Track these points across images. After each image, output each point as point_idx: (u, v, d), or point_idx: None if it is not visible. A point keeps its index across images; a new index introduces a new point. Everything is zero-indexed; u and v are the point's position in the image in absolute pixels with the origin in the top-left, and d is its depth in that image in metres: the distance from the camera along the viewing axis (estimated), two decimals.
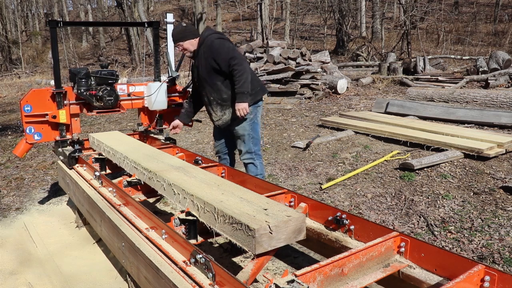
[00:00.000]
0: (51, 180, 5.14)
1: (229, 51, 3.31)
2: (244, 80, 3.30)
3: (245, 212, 2.03)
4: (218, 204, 2.13)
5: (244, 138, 3.57)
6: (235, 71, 3.29)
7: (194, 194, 2.29)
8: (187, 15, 32.19)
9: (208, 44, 3.37)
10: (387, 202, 3.87)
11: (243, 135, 3.56)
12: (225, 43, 3.37)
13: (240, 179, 3.17)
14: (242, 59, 3.34)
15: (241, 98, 3.33)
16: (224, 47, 3.33)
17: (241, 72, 3.28)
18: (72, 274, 3.07)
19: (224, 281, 1.76)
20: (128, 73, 18.06)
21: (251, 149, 3.59)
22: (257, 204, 2.13)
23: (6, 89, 15.54)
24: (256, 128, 3.59)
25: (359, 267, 1.94)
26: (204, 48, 3.39)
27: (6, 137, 7.73)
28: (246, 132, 3.55)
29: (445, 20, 20.33)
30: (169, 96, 4.16)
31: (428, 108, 7.06)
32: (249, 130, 3.55)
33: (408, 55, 14.91)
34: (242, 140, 3.58)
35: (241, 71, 3.28)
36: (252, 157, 3.59)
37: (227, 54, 3.30)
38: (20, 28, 30.45)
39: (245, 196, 2.29)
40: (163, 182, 2.63)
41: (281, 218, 1.96)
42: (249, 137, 3.57)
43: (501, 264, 2.80)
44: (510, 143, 4.85)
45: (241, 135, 3.57)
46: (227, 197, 2.25)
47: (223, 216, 2.04)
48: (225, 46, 3.34)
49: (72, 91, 3.81)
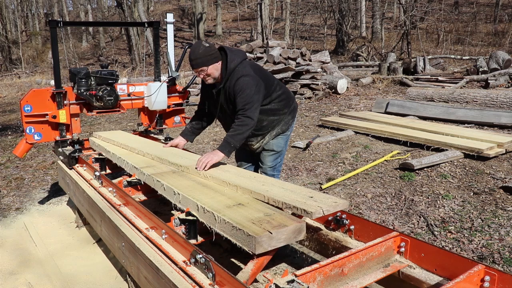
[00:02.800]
0: (51, 180, 5.14)
1: (246, 99, 2.85)
2: (240, 134, 2.86)
3: (294, 199, 2.19)
4: (266, 192, 2.30)
5: (275, 154, 3.30)
6: (239, 119, 2.87)
7: (238, 185, 2.45)
8: (187, 15, 32.20)
9: (233, 82, 2.89)
10: (387, 202, 3.87)
11: (276, 152, 3.28)
12: (249, 85, 2.86)
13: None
14: (252, 111, 2.86)
15: (222, 147, 2.85)
16: (244, 93, 2.85)
17: (243, 123, 2.85)
18: (72, 274, 3.07)
19: (224, 281, 1.76)
20: (128, 73, 18.05)
21: (277, 165, 3.36)
22: (302, 193, 2.29)
23: (6, 89, 15.55)
24: (287, 145, 3.41)
25: (359, 267, 1.94)
26: (229, 83, 2.92)
27: (6, 137, 7.73)
28: (279, 148, 3.29)
29: (445, 20, 20.33)
30: (169, 96, 4.16)
31: (428, 108, 7.06)
32: (283, 147, 3.31)
33: (408, 55, 14.91)
34: (272, 155, 3.30)
35: (244, 122, 2.85)
36: (274, 173, 3.36)
37: (242, 103, 2.85)
38: (20, 28, 30.44)
39: (286, 186, 2.45)
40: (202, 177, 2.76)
41: (329, 203, 2.13)
42: (279, 154, 3.32)
43: (501, 264, 2.80)
44: (510, 143, 4.85)
45: (274, 151, 3.29)
46: (269, 187, 2.42)
47: (275, 201, 2.21)
48: (245, 91, 2.85)
49: (72, 91, 3.81)
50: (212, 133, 6.95)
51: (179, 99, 4.36)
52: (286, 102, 3.19)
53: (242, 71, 2.89)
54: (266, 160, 3.31)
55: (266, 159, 3.31)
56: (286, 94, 3.22)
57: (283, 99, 3.16)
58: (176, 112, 4.41)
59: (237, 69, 2.90)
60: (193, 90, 10.45)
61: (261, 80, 2.98)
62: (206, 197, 2.35)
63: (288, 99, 3.22)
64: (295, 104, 3.35)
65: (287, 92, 3.24)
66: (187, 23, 31.07)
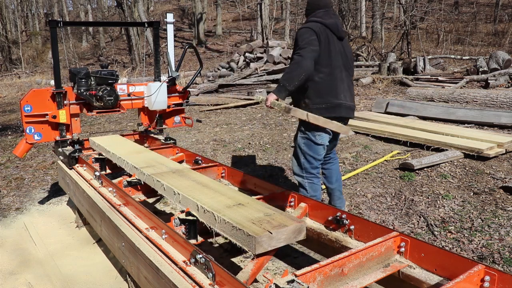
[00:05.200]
0: (51, 180, 5.14)
1: (297, 42, 2.97)
2: (287, 71, 2.91)
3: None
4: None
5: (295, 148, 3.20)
6: (291, 59, 3.00)
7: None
8: (187, 15, 32.20)
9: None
10: (387, 202, 3.87)
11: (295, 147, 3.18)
12: (304, 33, 2.95)
13: (240, 179, 3.17)
14: (302, 53, 2.86)
15: (275, 88, 2.95)
16: (297, 38, 2.98)
17: (292, 62, 2.93)
18: (72, 274, 3.07)
19: (224, 281, 1.76)
20: (128, 73, 18.06)
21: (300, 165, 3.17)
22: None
23: (6, 89, 15.55)
24: (309, 147, 3.09)
25: (359, 267, 1.94)
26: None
27: (6, 137, 7.73)
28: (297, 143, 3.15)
29: (445, 20, 20.33)
30: (169, 96, 4.16)
31: (428, 108, 7.06)
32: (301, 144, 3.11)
33: (408, 55, 14.91)
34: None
35: (292, 60, 2.93)
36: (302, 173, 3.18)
37: (296, 45, 3.00)
38: (20, 28, 30.44)
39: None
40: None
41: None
42: (297, 149, 3.15)
43: (501, 264, 2.80)
44: (510, 143, 4.85)
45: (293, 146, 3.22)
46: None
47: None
48: (298, 37, 2.97)
49: (72, 91, 3.81)
50: (212, 133, 6.96)
51: (179, 99, 4.36)
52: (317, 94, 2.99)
53: (305, 23, 3.09)
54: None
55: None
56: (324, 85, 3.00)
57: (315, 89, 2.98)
58: (176, 112, 4.41)
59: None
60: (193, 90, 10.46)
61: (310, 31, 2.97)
62: (206, 197, 2.35)
63: (321, 92, 2.99)
64: (329, 107, 2.99)
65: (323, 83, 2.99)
66: (187, 23, 31.07)
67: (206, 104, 9.60)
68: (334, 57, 3.00)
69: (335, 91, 3.00)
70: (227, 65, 12.89)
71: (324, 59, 2.95)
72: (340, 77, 3.03)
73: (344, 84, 3.06)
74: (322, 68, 2.95)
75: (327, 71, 2.97)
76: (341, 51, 3.07)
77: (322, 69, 2.95)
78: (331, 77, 2.98)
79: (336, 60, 3.02)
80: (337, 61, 3.02)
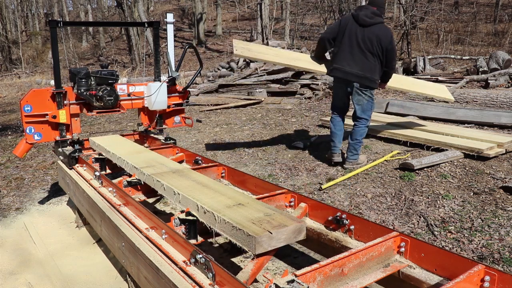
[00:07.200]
0: (51, 180, 5.14)
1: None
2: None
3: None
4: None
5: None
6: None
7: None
8: (187, 15, 32.19)
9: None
10: (387, 202, 3.87)
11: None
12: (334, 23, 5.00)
13: (240, 179, 3.17)
14: (322, 33, 4.71)
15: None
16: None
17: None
18: (72, 274, 3.07)
19: (224, 281, 1.76)
20: (128, 73, 18.06)
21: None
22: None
23: (6, 89, 15.55)
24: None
25: (359, 267, 1.94)
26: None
27: (6, 137, 7.73)
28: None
29: (445, 20, 20.32)
30: (169, 96, 4.16)
31: (428, 108, 7.05)
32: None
33: (408, 55, 14.91)
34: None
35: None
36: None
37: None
38: (20, 28, 30.44)
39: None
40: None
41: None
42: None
43: (501, 264, 2.80)
44: (510, 143, 4.85)
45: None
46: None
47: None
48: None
49: (72, 91, 3.81)
50: (212, 133, 6.96)
51: (179, 99, 4.37)
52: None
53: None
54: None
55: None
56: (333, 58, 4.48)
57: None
58: (176, 112, 4.41)
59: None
60: (193, 90, 10.45)
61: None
62: (206, 197, 2.35)
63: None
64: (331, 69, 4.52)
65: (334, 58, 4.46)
66: (187, 23, 31.07)
67: (206, 104, 9.60)
68: (347, 37, 4.26)
69: (338, 60, 4.37)
70: (227, 65, 12.89)
71: (339, 38, 4.34)
72: (348, 51, 4.26)
73: (352, 56, 4.25)
74: (337, 43, 4.37)
75: (338, 45, 4.35)
76: (357, 34, 4.21)
77: (337, 44, 4.37)
78: (339, 50, 4.34)
79: (350, 39, 4.24)
80: (350, 40, 4.24)
